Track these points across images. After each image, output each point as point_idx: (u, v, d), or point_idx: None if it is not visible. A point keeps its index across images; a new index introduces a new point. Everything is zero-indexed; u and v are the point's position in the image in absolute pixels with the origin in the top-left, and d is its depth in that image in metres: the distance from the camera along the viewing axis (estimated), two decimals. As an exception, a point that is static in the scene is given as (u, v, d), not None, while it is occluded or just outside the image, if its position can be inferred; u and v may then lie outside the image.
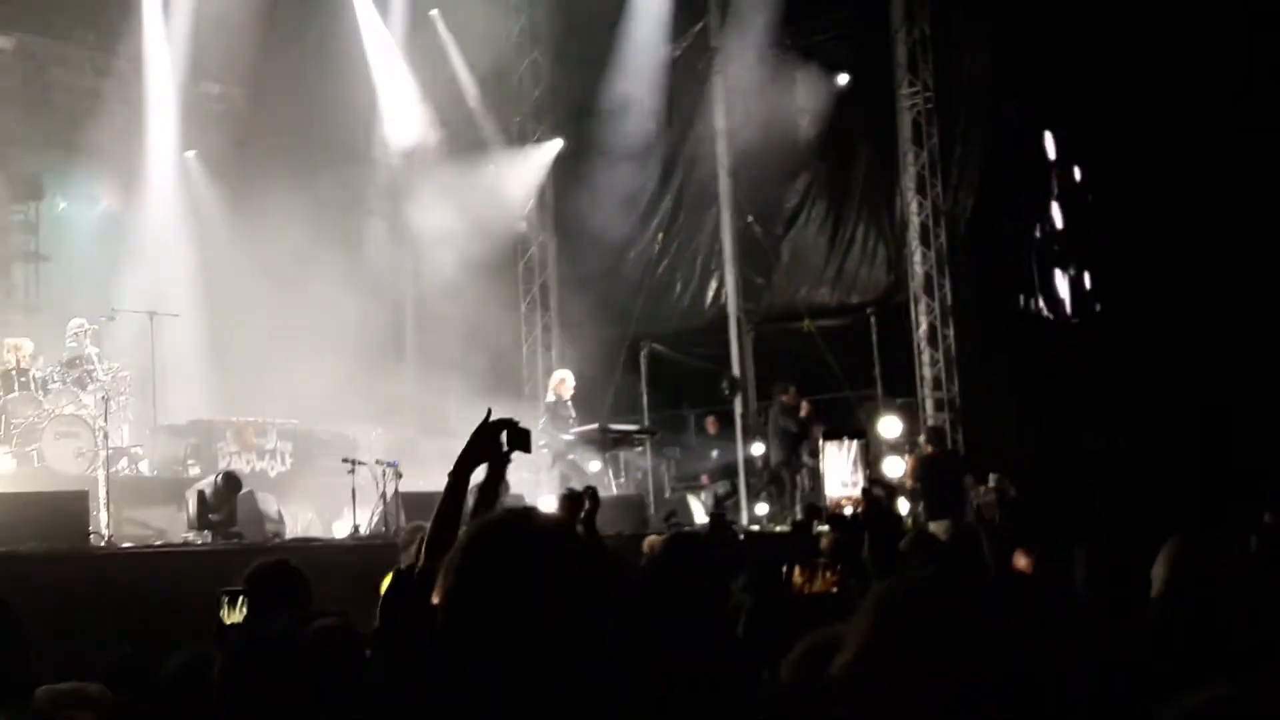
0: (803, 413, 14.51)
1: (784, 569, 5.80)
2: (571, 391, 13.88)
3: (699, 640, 3.03)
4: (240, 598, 4.36)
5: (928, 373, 15.80)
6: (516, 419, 3.33)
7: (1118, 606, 3.92)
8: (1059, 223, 17.52)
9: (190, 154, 15.19)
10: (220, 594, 4.38)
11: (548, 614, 1.80)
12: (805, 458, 14.43)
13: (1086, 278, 17.32)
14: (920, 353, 15.87)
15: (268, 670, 2.93)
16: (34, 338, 11.89)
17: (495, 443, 3.26)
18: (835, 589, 5.42)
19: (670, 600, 4.08)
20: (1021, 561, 5.97)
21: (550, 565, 1.84)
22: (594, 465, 13.72)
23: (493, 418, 3.27)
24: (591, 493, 4.90)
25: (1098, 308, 16.27)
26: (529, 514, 1.97)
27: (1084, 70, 14.58)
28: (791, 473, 14.48)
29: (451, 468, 3.25)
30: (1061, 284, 17.50)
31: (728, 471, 16.13)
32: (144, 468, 11.87)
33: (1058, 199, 17.51)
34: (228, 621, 4.31)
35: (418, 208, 16.26)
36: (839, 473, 14.59)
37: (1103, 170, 14.47)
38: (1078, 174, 17.32)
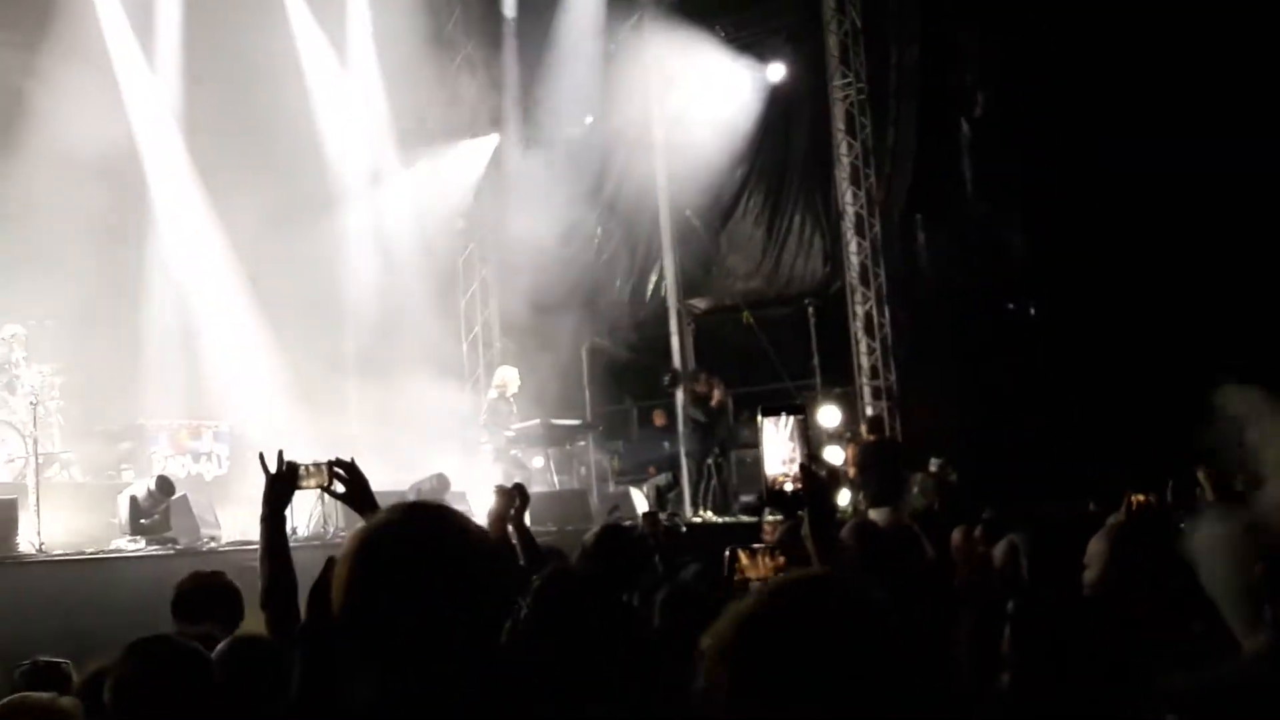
0: (713, 402, 14.31)
1: (726, 555, 5.82)
2: (516, 388, 13.84)
3: (617, 634, 3.03)
4: None
5: (865, 362, 15.95)
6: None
7: (1057, 589, 3.97)
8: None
9: (117, 155, 14.92)
10: None
11: (434, 613, 1.75)
12: (716, 447, 14.27)
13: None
14: (857, 342, 16.01)
15: (178, 682, 2.90)
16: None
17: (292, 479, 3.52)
18: (779, 574, 5.44)
19: (601, 591, 4.07)
20: (957, 538, 6.04)
21: (435, 561, 1.79)
22: (537, 461, 13.71)
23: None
24: (520, 488, 4.90)
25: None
26: (413, 509, 1.91)
27: (1013, 56, 14.73)
28: (699, 463, 14.30)
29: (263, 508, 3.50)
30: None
31: (673, 464, 16.17)
32: (75, 473, 11.64)
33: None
34: None
35: (354, 203, 16.12)
36: (777, 450, 14.59)
37: (1039, 158, 14.63)
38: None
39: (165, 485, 9.57)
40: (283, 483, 3.49)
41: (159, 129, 14.46)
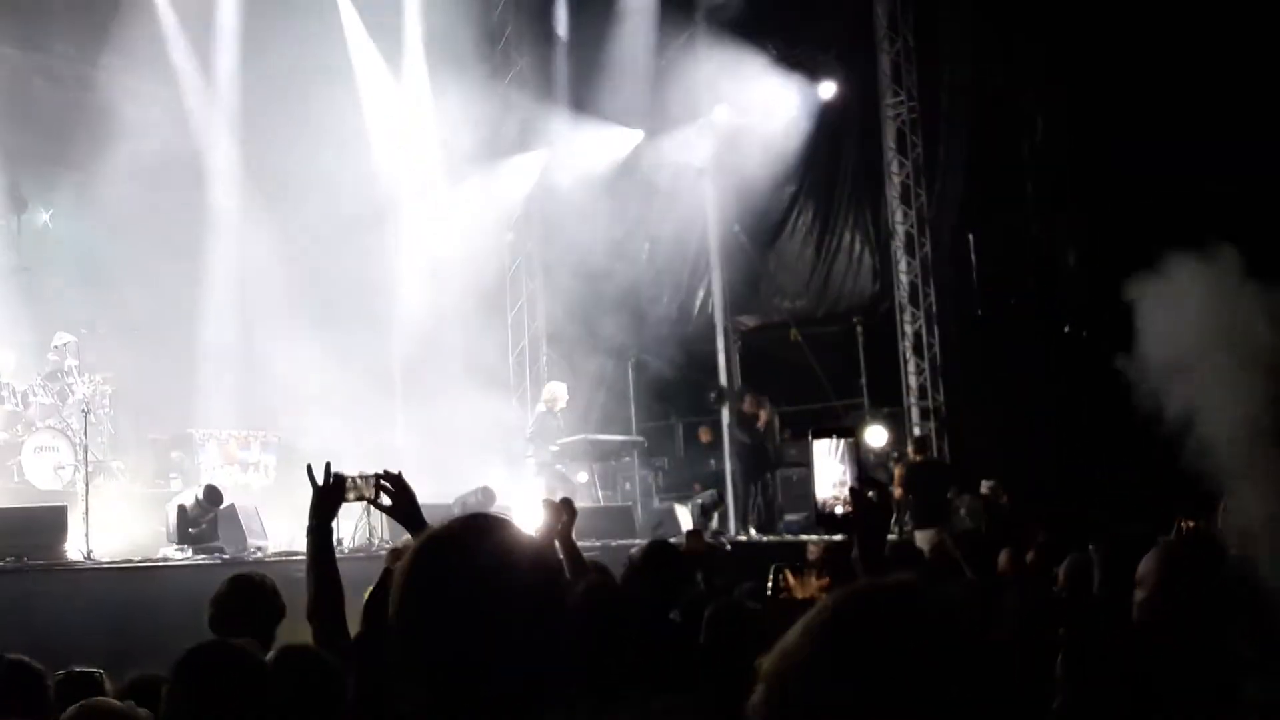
0: (760, 423, 14.13)
1: (771, 573, 5.77)
2: (564, 404, 13.84)
3: (667, 646, 2.99)
4: None
5: (913, 381, 15.80)
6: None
7: (1109, 614, 3.89)
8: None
9: (174, 166, 15.12)
10: None
11: (495, 625, 1.73)
12: (766, 470, 14.13)
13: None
14: (906, 361, 15.86)
15: (235, 691, 2.88)
16: (15, 350, 11.79)
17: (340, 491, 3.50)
18: (823, 595, 5.37)
19: (646, 607, 4.04)
20: (1004, 561, 5.95)
21: (496, 573, 1.77)
22: (581, 475, 13.68)
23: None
24: (567, 503, 4.86)
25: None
26: (472, 522, 1.88)
27: (1066, 76, 14.58)
28: (747, 484, 14.13)
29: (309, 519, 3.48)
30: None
31: (718, 481, 16.09)
32: (125, 482, 11.77)
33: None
34: None
35: (404, 216, 16.21)
36: (828, 473, 14.46)
37: (1088, 174, 14.48)
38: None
39: (213, 495, 9.63)
40: (330, 495, 3.49)
41: (216, 138, 14.64)
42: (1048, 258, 15.28)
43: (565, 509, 4.78)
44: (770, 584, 5.32)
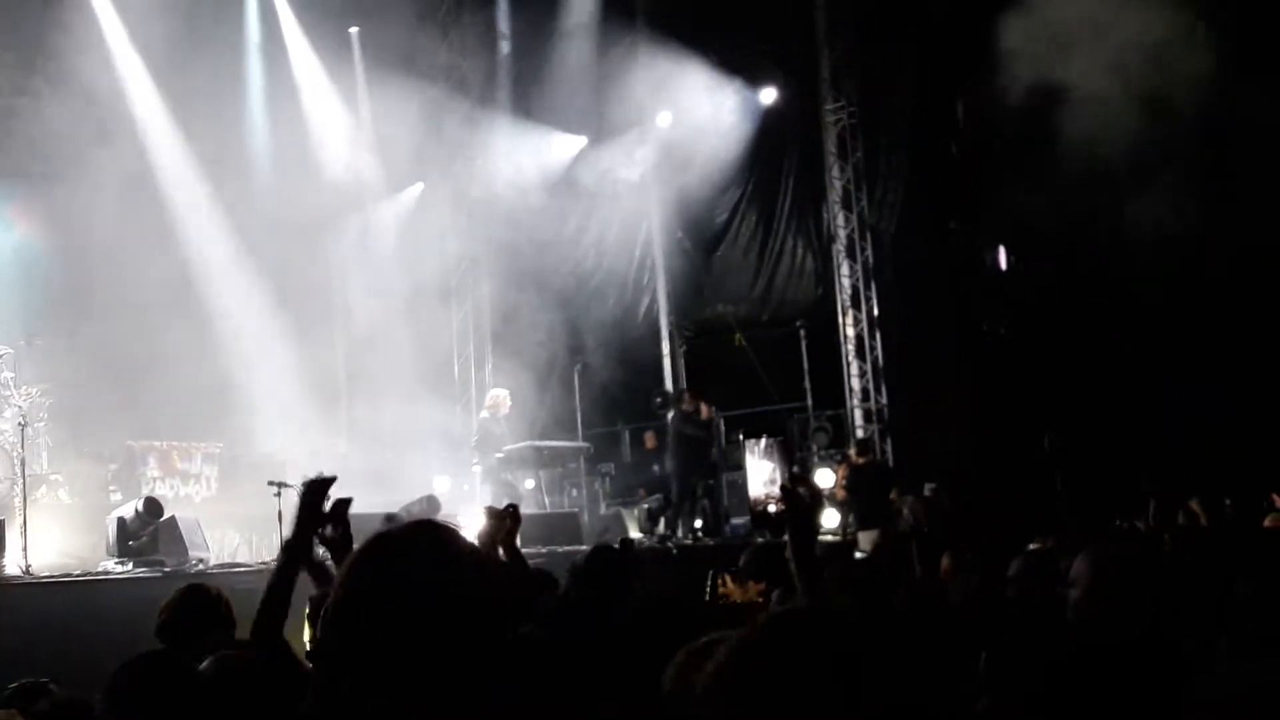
0: (704, 415, 13.92)
1: (710, 578, 5.80)
2: (508, 409, 13.80)
3: (606, 647, 3.04)
4: None
5: (856, 384, 15.95)
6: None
7: (1046, 610, 3.97)
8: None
9: (110, 172, 14.94)
10: None
11: (427, 622, 1.76)
12: (714, 461, 14.04)
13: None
14: (848, 364, 16.01)
15: (167, 699, 2.88)
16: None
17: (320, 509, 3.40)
18: (760, 598, 5.41)
19: (589, 611, 4.08)
20: (946, 564, 6.04)
21: (434, 575, 1.80)
22: (528, 482, 13.66)
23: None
24: (513, 510, 4.88)
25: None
26: (414, 529, 1.91)
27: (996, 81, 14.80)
28: (687, 481, 13.78)
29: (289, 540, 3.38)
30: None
31: (664, 486, 16.11)
32: (63, 495, 11.60)
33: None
34: None
35: (345, 223, 16.13)
36: (760, 472, 14.60)
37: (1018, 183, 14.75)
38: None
39: (154, 507, 9.54)
40: (323, 519, 3.41)
41: (156, 148, 14.48)
42: (975, 258, 15.55)
43: (510, 516, 4.80)
44: (709, 588, 5.35)
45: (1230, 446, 12.28)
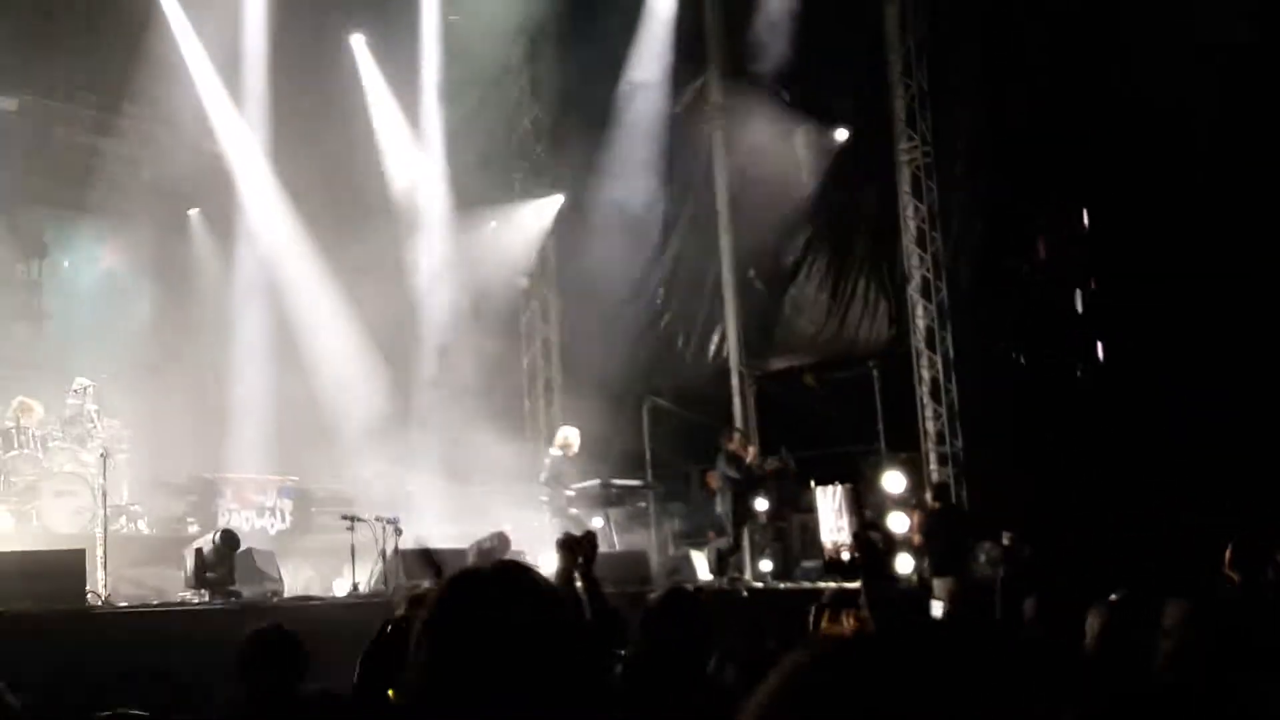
0: (748, 459, 13.76)
1: (813, 611, 5.72)
2: (577, 448, 13.79)
3: (690, 692, 2.98)
4: None
5: (931, 427, 15.71)
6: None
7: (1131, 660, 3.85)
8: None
9: (193, 212, 15.29)
10: None
11: (518, 666, 1.75)
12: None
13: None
14: (923, 407, 15.79)
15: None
16: (35, 395, 11.84)
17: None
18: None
19: (665, 654, 4.02)
20: (1030, 609, 5.89)
21: (525, 618, 1.79)
22: (597, 521, 13.62)
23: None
24: (589, 537, 4.83)
25: (1101, 355, 16.21)
26: (507, 568, 1.91)
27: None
28: (735, 524, 13.54)
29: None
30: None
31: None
32: (142, 526, 11.78)
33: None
34: None
35: (420, 264, 16.30)
36: (828, 519, 14.39)
37: (1107, 215, 14.52)
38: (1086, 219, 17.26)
39: (230, 539, 9.63)
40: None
41: (237, 183, 14.80)
42: (1056, 301, 15.28)
43: (586, 542, 4.76)
44: (812, 622, 5.26)
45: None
